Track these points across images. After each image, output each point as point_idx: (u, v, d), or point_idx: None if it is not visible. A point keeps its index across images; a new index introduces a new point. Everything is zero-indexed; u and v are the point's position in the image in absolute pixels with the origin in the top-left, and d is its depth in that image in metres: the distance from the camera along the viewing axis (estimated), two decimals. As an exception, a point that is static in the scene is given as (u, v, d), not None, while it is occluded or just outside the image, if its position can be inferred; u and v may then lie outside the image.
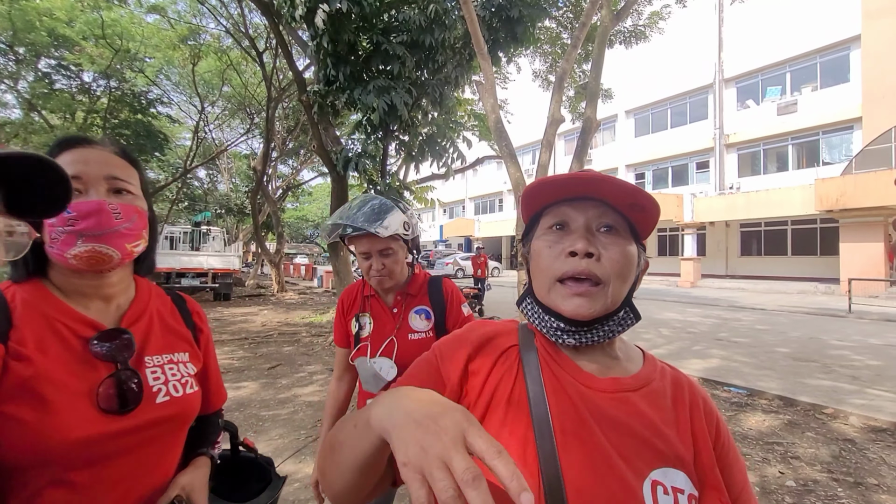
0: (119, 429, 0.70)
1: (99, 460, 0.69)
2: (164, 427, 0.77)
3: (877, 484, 2.82)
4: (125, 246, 0.74)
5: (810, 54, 17.54)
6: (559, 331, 0.60)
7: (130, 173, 0.79)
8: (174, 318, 0.89)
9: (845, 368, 5.40)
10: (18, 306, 0.70)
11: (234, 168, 27.04)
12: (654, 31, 10.78)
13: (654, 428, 0.57)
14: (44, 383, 0.66)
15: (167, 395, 0.77)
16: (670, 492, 0.54)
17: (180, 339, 0.87)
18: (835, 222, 15.06)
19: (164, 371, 0.79)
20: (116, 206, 0.73)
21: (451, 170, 8.12)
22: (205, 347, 0.93)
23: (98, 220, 0.70)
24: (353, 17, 6.11)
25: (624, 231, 0.61)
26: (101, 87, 13.79)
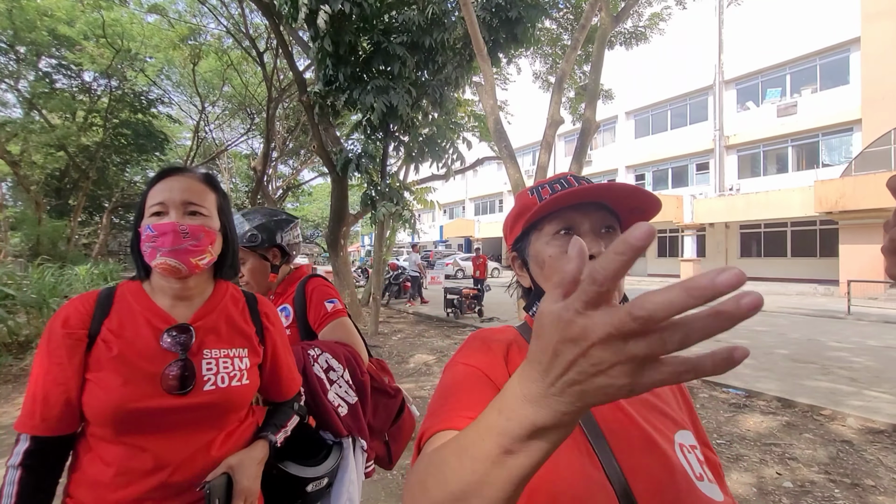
0: (175, 406, 0.85)
1: (161, 429, 0.85)
2: (211, 411, 0.90)
3: (874, 485, 2.83)
4: (190, 260, 0.90)
5: (810, 56, 17.56)
6: None
7: (206, 197, 0.95)
8: (242, 317, 1.02)
9: (844, 370, 5.40)
10: (121, 300, 0.92)
11: (234, 168, 27.06)
12: (654, 33, 10.80)
13: (662, 397, 0.64)
14: (122, 363, 0.85)
15: (213, 384, 0.90)
16: (689, 450, 0.60)
17: (241, 336, 0.99)
18: (834, 224, 15.08)
19: (217, 363, 0.92)
20: (186, 226, 0.89)
21: (451, 170, 8.13)
22: (271, 344, 1.04)
23: (170, 239, 0.87)
24: (354, 18, 6.12)
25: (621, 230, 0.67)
26: (102, 87, 13.82)
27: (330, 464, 1.11)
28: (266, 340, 1.04)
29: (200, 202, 0.93)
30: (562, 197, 0.62)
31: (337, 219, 8.33)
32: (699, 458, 0.60)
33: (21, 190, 14.90)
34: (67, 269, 7.28)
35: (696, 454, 0.60)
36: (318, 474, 1.08)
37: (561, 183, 0.67)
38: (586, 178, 0.69)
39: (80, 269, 7.13)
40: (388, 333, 8.15)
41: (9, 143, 13.69)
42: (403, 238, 35.47)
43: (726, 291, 0.26)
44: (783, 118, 18.06)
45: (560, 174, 0.71)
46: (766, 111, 18.64)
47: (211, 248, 0.93)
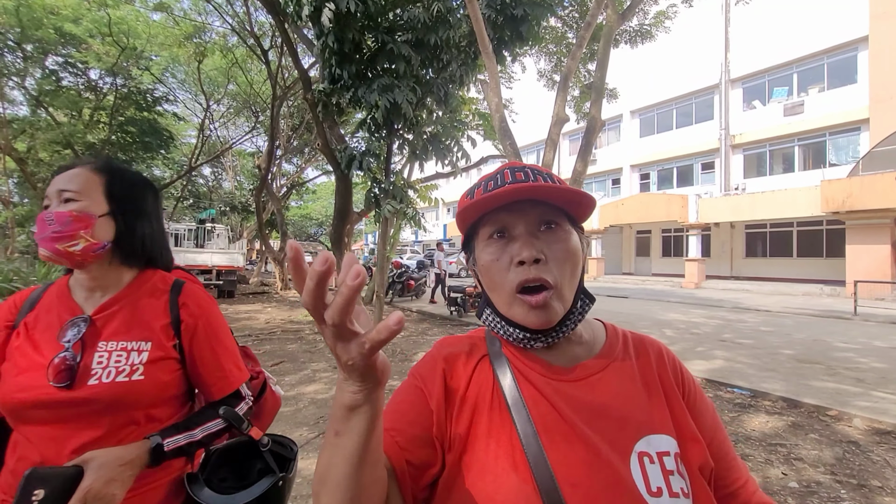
0: (57, 399, 0.82)
1: (46, 422, 0.83)
2: (98, 406, 0.84)
3: (880, 486, 2.81)
4: (56, 247, 0.86)
5: (817, 55, 17.41)
6: (525, 339, 0.61)
7: (86, 183, 0.91)
8: (153, 308, 0.95)
9: (850, 370, 5.37)
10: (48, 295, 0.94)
11: (238, 166, 27.15)
12: (660, 31, 10.74)
13: (629, 400, 0.59)
14: (21, 354, 0.86)
15: (97, 379, 0.84)
16: (656, 459, 0.55)
17: (145, 328, 0.92)
18: (841, 224, 14.96)
19: (109, 357, 0.87)
20: (52, 214, 0.87)
21: (457, 168, 8.12)
22: (188, 336, 0.96)
23: (40, 229, 0.87)
24: (359, 16, 6.12)
25: (563, 223, 0.61)
26: (108, 85, 13.86)
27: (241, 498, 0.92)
28: (183, 333, 0.95)
29: (75, 188, 0.89)
30: (479, 203, 0.58)
31: (341, 217, 8.34)
32: (668, 467, 0.55)
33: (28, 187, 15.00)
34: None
35: (666, 462, 0.55)
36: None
37: (495, 179, 0.62)
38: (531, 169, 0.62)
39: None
40: (391, 331, 8.16)
41: (16, 141, 13.77)
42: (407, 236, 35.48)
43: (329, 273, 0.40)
44: (790, 117, 17.92)
45: (499, 168, 0.65)
46: (773, 110, 18.51)
47: (85, 234, 0.88)
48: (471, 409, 0.59)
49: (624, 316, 10.00)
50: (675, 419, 0.60)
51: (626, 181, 24.17)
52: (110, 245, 0.93)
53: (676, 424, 0.59)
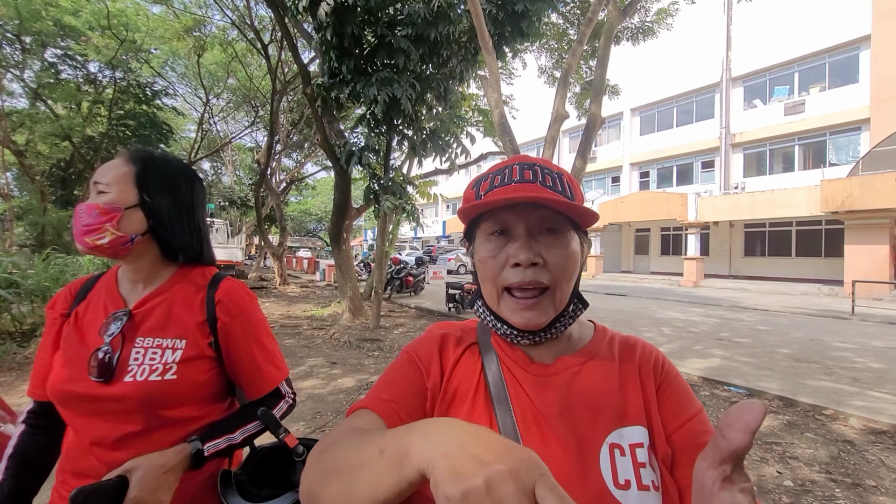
0: (95, 394, 0.83)
1: (88, 415, 0.84)
2: (130, 404, 0.83)
3: (875, 485, 2.82)
4: (85, 240, 0.87)
5: (819, 54, 17.37)
6: (512, 335, 0.62)
7: (115, 173, 0.89)
8: (189, 305, 0.93)
9: (847, 370, 5.38)
10: (99, 285, 0.95)
11: (238, 161, 27.10)
12: (661, 28, 10.71)
13: (604, 394, 0.59)
14: (69, 344, 0.87)
15: (132, 377, 0.84)
16: (627, 451, 0.55)
17: (180, 326, 0.90)
18: (840, 224, 14.96)
19: (145, 354, 0.86)
20: (83, 207, 0.87)
21: (455, 165, 8.11)
22: (224, 336, 0.94)
23: (75, 223, 0.87)
24: (358, 10, 6.09)
25: (565, 228, 0.61)
26: (107, 78, 13.83)
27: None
28: (219, 331, 0.93)
29: (105, 180, 0.88)
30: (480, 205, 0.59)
31: (340, 212, 8.33)
32: (640, 459, 0.55)
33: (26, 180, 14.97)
34: (72, 258, 7.31)
35: (638, 454, 0.55)
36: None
37: (503, 174, 0.61)
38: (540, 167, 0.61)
39: (84, 259, 7.16)
40: (389, 327, 8.17)
41: (14, 133, 13.72)
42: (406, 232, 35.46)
43: None
44: (790, 116, 17.89)
45: (509, 160, 0.64)
46: (774, 109, 18.48)
47: (110, 226, 0.86)
48: (453, 392, 0.61)
49: (622, 314, 10.01)
50: (647, 411, 0.60)
51: (625, 179, 24.14)
52: (141, 237, 0.90)
53: (648, 416, 0.59)
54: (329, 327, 7.99)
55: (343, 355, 6.12)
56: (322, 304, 11.22)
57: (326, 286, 16.84)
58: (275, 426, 0.94)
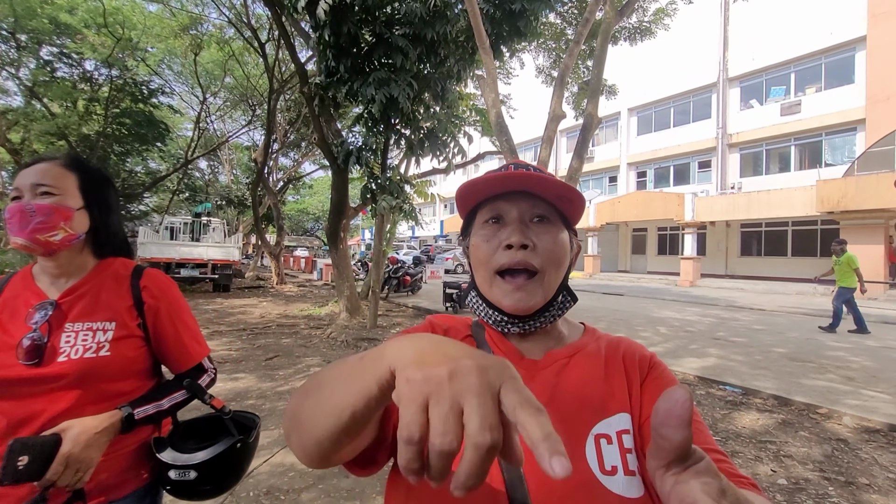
0: (27, 376, 0.89)
1: (18, 397, 0.90)
2: (68, 381, 0.92)
3: (868, 483, 2.84)
4: (37, 237, 0.93)
5: (815, 55, 17.44)
6: (502, 322, 0.65)
7: (61, 178, 0.98)
8: (116, 292, 1.04)
9: (841, 369, 5.41)
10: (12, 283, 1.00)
11: (235, 159, 27.01)
12: (658, 29, 10.73)
13: (590, 385, 0.61)
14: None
15: (66, 356, 0.93)
16: (614, 439, 0.56)
17: (109, 310, 1.01)
18: (835, 224, 15.04)
19: (76, 336, 0.95)
20: (33, 206, 0.93)
21: (452, 164, 8.11)
22: (152, 316, 1.06)
23: (17, 219, 0.92)
24: (356, 9, 6.08)
25: (555, 219, 0.64)
26: (103, 76, 13.74)
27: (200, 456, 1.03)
28: (146, 313, 1.05)
29: (53, 183, 0.96)
30: (476, 182, 0.62)
31: (337, 212, 8.32)
32: (626, 445, 0.56)
33: (21, 178, 14.90)
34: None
35: (625, 441, 0.56)
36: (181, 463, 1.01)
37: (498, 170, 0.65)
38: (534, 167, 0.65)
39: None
40: (386, 327, 8.17)
41: (10, 132, 13.64)
42: (404, 232, 35.42)
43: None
44: (786, 117, 17.97)
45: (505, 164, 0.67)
46: (770, 110, 18.55)
47: (65, 225, 0.96)
48: None
49: (619, 314, 10.04)
50: (632, 399, 0.61)
51: (622, 179, 24.19)
52: (84, 236, 1.01)
53: (632, 404, 0.60)
54: (326, 327, 7.98)
55: (340, 355, 6.11)
56: (319, 303, 11.21)
57: (324, 285, 16.82)
58: (201, 393, 1.10)
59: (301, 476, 2.82)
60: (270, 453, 3.11)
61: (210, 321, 8.45)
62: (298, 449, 0.47)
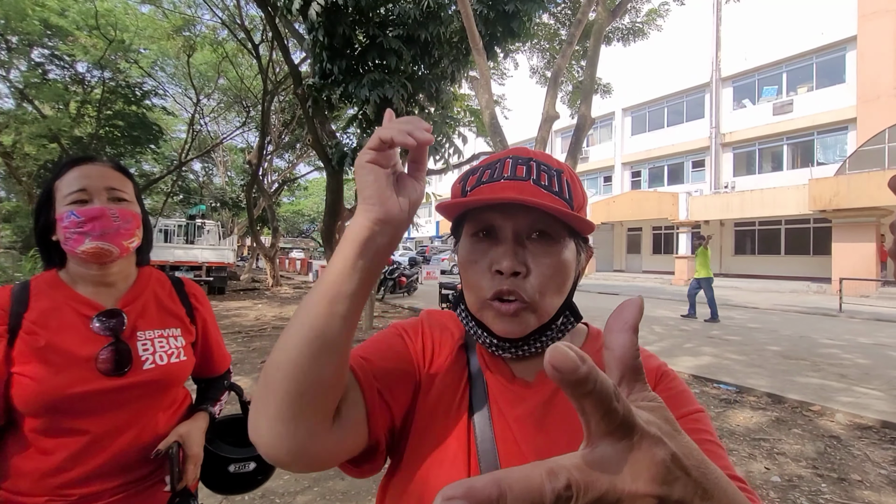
0: (113, 387, 0.89)
1: (101, 411, 0.89)
2: (152, 387, 0.95)
3: (860, 480, 2.86)
4: (122, 243, 0.94)
5: (806, 54, 17.59)
6: (494, 346, 0.58)
7: (125, 184, 0.98)
8: (171, 299, 1.07)
9: (834, 367, 5.46)
10: (38, 293, 0.93)
11: (229, 161, 26.88)
12: (651, 29, 10.78)
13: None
14: (53, 352, 0.87)
15: (153, 363, 0.95)
16: None
17: (172, 317, 1.04)
18: (828, 222, 15.16)
19: (153, 343, 0.97)
20: (116, 211, 0.92)
21: (448, 165, 8.11)
22: (202, 323, 1.11)
23: (101, 223, 0.90)
24: (349, 11, 6.08)
25: (559, 233, 0.55)
26: (95, 78, 13.64)
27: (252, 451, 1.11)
28: (196, 320, 1.09)
29: (123, 188, 0.96)
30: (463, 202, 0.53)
31: (332, 213, 8.30)
32: None
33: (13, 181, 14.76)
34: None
35: None
36: (242, 456, 1.09)
37: (493, 168, 0.56)
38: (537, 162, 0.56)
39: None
40: (382, 328, 8.15)
41: (1, 135, 13.52)
42: (400, 233, 35.29)
43: None
44: (779, 116, 18.11)
45: (503, 153, 0.59)
46: (762, 109, 18.69)
47: (138, 232, 0.98)
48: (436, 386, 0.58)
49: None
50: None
51: (617, 178, 24.28)
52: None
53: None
54: (322, 328, 7.96)
55: (336, 356, 6.10)
56: (315, 305, 11.16)
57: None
58: (240, 390, 1.22)
59: (296, 479, 2.81)
60: (265, 456, 3.09)
61: (205, 324, 8.41)
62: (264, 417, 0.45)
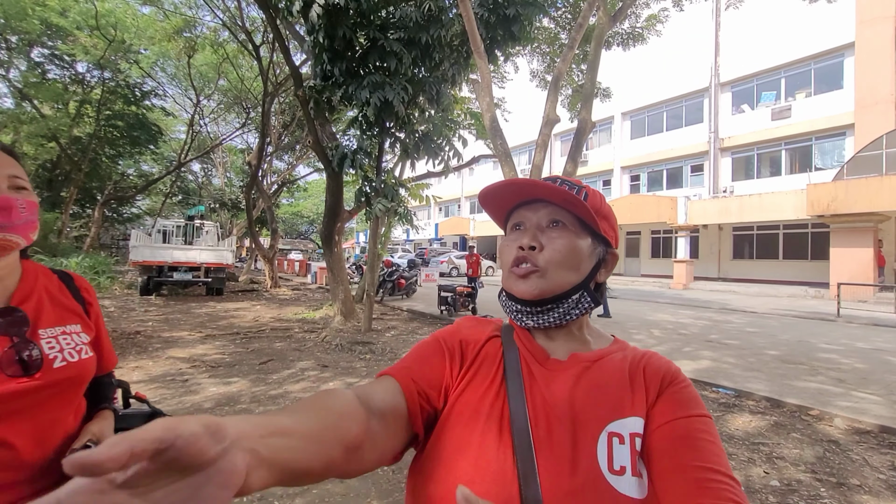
0: (23, 389, 0.83)
1: (10, 415, 0.82)
2: (63, 386, 0.90)
3: (859, 484, 2.86)
4: (29, 234, 0.88)
5: (805, 60, 17.68)
6: (518, 312, 0.70)
7: (21, 170, 0.89)
8: (63, 295, 1.00)
9: (832, 371, 5.46)
10: None
11: (228, 162, 26.88)
12: (651, 34, 10.83)
13: (610, 386, 0.63)
14: None
15: (63, 360, 0.89)
16: (627, 440, 0.58)
17: (70, 313, 0.99)
18: (825, 227, 15.21)
19: (58, 341, 0.91)
20: (23, 202, 0.86)
21: (448, 168, 8.12)
22: (95, 319, 1.05)
23: (10, 215, 0.83)
24: (350, 13, 6.09)
25: (573, 225, 0.69)
26: (95, 78, 13.65)
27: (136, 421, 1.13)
28: (91, 316, 1.04)
29: (21, 175, 0.88)
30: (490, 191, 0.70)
31: (331, 215, 8.30)
32: (637, 448, 0.57)
33: (11, 181, 14.72)
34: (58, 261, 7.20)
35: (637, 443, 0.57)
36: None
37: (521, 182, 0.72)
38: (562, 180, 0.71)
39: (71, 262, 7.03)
40: (381, 330, 8.14)
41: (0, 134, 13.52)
42: (399, 235, 35.40)
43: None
44: (777, 121, 18.18)
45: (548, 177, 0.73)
46: (761, 114, 18.77)
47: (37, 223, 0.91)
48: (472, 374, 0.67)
49: (613, 316, 10.07)
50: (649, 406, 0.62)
51: (616, 182, 24.33)
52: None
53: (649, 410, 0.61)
54: (320, 330, 7.95)
55: (334, 358, 6.09)
56: (313, 306, 11.16)
57: (318, 289, 16.75)
58: (127, 389, 1.19)
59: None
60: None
61: (203, 325, 8.38)
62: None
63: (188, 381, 4.89)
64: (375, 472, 2.92)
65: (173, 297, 13.15)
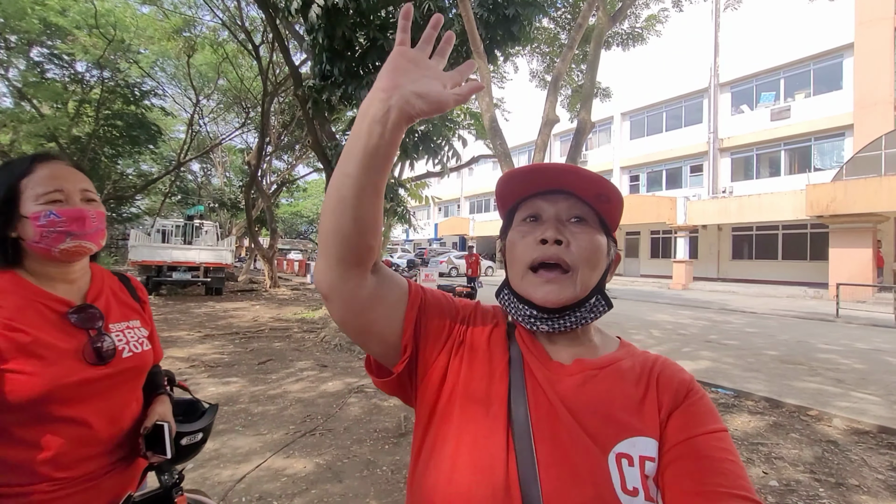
0: (99, 375, 0.96)
1: (89, 398, 0.95)
2: (130, 375, 1.04)
3: (857, 485, 2.86)
4: (99, 241, 1.01)
5: (804, 61, 17.70)
6: (532, 318, 0.63)
7: (90, 183, 1.02)
8: (124, 294, 1.15)
9: (831, 371, 5.47)
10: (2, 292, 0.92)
11: (228, 162, 26.86)
12: (650, 35, 10.84)
13: (618, 401, 0.59)
14: (40, 346, 0.90)
15: (130, 352, 1.03)
16: (636, 462, 0.55)
17: (131, 310, 1.13)
18: (825, 228, 15.23)
19: (124, 334, 1.05)
20: (94, 213, 0.99)
21: (447, 168, 8.12)
22: (149, 315, 1.19)
23: (83, 224, 0.96)
24: (350, 13, 6.09)
25: (593, 222, 0.64)
26: (94, 78, 13.62)
27: (204, 422, 1.25)
28: (146, 312, 1.19)
29: (91, 189, 1.01)
30: (518, 172, 0.64)
31: (331, 214, 8.28)
32: (646, 472, 0.54)
33: (10, 180, 14.68)
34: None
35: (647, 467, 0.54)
36: (193, 429, 1.22)
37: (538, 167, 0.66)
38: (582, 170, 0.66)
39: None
40: (380, 330, 8.14)
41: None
42: (398, 235, 35.39)
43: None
44: (776, 122, 18.20)
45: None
46: (760, 115, 18.79)
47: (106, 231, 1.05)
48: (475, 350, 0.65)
49: (613, 316, 10.07)
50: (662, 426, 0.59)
51: (615, 183, 24.20)
52: None
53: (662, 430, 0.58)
54: (320, 330, 7.94)
55: (333, 358, 6.09)
56: (313, 306, 11.15)
57: (317, 289, 16.72)
58: (172, 379, 1.30)
59: (293, 481, 2.80)
60: (262, 458, 3.08)
61: (202, 325, 8.38)
62: (321, 258, 0.60)
63: (187, 380, 4.88)
64: (374, 472, 2.92)
65: (172, 296, 13.14)
